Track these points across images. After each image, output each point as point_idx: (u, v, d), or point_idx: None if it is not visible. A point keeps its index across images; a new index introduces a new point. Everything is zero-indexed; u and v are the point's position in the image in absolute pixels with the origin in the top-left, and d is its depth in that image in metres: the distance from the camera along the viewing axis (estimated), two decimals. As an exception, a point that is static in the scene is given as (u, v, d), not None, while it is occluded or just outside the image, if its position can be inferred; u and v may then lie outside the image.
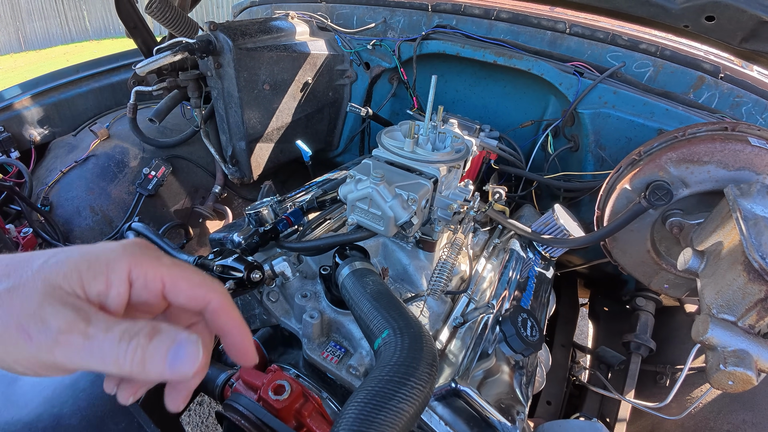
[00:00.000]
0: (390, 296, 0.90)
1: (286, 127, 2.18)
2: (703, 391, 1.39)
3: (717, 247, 1.12)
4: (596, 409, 1.60)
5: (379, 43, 2.12)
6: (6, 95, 2.19)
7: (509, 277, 1.33)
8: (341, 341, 1.12)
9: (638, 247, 1.40)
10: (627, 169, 1.33)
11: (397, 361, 0.70)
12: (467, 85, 2.20)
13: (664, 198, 1.21)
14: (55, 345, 0.34)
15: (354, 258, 1.04)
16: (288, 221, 1.25)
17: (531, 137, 2.04)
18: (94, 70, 2.44)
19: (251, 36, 1.87)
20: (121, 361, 0.35)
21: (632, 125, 1.70)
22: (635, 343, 1.63)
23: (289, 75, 2.04)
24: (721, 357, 0.95)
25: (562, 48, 1.90)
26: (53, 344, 0.34)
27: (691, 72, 1.74)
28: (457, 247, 1.19)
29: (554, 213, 1.45)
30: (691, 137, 1.27)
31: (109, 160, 2.10)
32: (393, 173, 1.19)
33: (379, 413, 0.61)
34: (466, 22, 2.06)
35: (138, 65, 1.72)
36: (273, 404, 0.97)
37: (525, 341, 1.03)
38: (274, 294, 1.19)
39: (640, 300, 1.76)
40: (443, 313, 1.21)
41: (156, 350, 0.36)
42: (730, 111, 1.72)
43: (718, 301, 1.03)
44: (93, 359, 0.35)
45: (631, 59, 1.79)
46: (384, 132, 1.32)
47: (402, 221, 1.10)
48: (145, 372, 0.36)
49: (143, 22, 2.08)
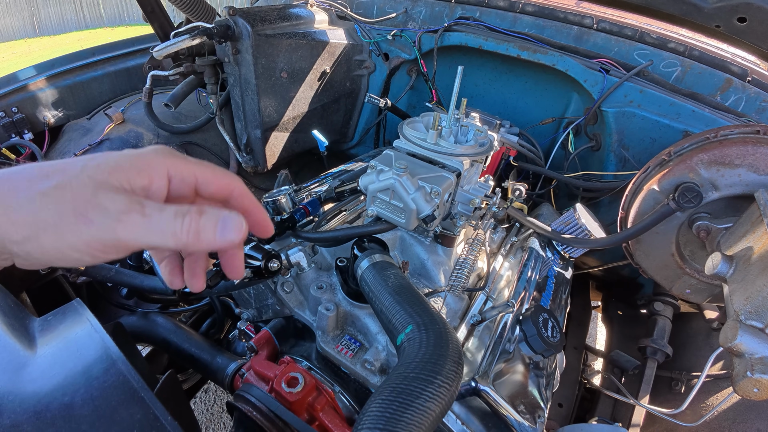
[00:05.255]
0: (412, 291, 0.87)
1: (302, 117, 2.16)
2: (719, 398, 1.36)
3: (747, 252, 1.08)
4: (609, 414, 1.57)
5: (400, 33, 2.08)
6: (21, 76, 2.17)
7: (528, 277, 1.30)
8: (356, 335, 1.10)
9: (662, 250, 1.37)
10: (655, 169, 1.30)
11: (422, 358, 0.67)
12: (487, 80, 2.16)
13: (694, 200, 1.18)
14: (118, 224, 0.40)
15: (373, 250, 1.01)
16: (305, 211, 1.23)
17: (551, 135, 2.00)
18: (110, 53, 2.42)
19: (270, 22, 1.85)
20: (179, 234, 0.41)
21: (657, 125, 1.66)
22: (652, 348, 1.60)
23: (307, 63, 2.01)
24: (748, 364, 0.92)
25: (588, 44, 1.85)
26: (116, 223, 0.40)
27: (719, 74, 1.70)
28: (478, 243, 1.16)
29: (575, 212, 1.42)
30: (723, 139, 1.23)
31: (124, 145, 2.08)
32: (415, 165, 1.16)
33: (405, 412, 0.59)
34: (490, 14, 2.02)
35: (155, 48, 1.70)
36: (286, 396, 0.95)
37: (546, 342, 1.01)
38: (289, 285, 1.17)
39: (657, 305, 1.73)
40: (460, 311, 1.19)
41: (208, 222, 0.42)
42: (756, 115, 1.68)
43: (747, 307, 0.99)
44: (153, 234, 0.41)
45: (658, 58, 1.74)
46: (406, 123, 1.30)
47: (424, 214, 1.07)
48: (199, 242, 0.42)
49: (161, 7, 2.06)
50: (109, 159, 0.43)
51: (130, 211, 0.40)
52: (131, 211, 0.40)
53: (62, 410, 0.65)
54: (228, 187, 0.50)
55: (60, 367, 0.74)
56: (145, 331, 1.46)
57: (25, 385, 0.70)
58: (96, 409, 0.65)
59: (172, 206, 0.42)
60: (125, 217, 0.40)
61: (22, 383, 0.70)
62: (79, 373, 0.72)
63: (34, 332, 0.83)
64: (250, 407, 0.97)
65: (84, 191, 0.40)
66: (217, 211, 0.43)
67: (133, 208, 0.40)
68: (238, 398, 1.01)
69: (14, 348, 0.77)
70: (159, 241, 0.41)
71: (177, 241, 0.41)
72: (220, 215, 0.43)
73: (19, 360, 0.75)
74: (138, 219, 0.40)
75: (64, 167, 0.41)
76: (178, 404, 0.99)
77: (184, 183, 0.47)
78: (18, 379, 0.71)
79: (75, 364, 0.74)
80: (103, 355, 0.74)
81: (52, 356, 0.76)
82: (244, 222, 0.44)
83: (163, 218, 0.41)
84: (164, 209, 0.42)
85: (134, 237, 0.40)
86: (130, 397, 0.67)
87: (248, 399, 0.98)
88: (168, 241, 0.42)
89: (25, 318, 0.87)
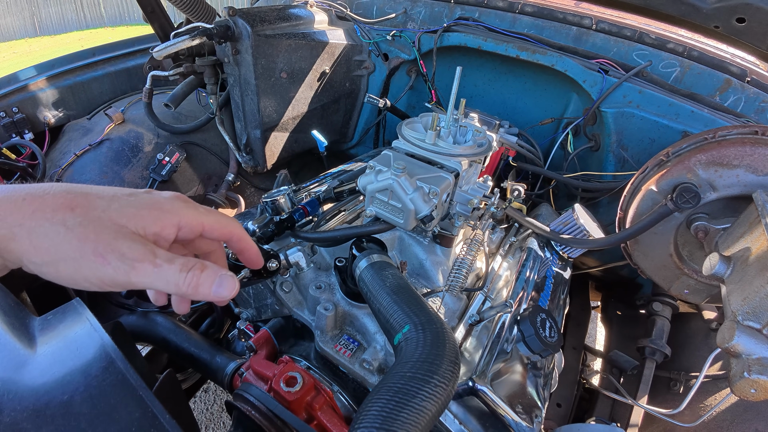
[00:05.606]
0: (410, 291, 0.87)
1: (302, 117, 2.16)
2: (717, 399, 1.36)
3: (744, 253, 1.09)
4: (607, 414, 1.57)
5: (399, 34, 2.08)
6: (21, 76, 2.17)
7: (527, 277, 1.31)
8: (354, 335, 1.10)
9: (660, 250, 1.37)
10: (654, 170, 1.30)
11: (419, 357, 0.68)
12: (486, 80, 2.16)
13: (692, 201, 1.18)
14: (131, 270, 0.46)
15: (372, 250, 1.02)
16: (304, 211, 1.23)
17: (550, 135, 2.00)
18: (111, 53, 2.42)
19: (270, 23, 1.85)
20: (180, 285, 0.48)
21: (656, 126, 1.66)
22: (650, 349, 1.60)
23: (307, 64, 2.01)
24: (745, 365, 0.93)
25: (587, 44, 1.85)
26: (130, 269, 0.46)
27: (718, 74, 1.70)
28: (476, 243, 1.16)
29: (574, 212, 1.42)
30: (721, 140, 1.24)
31: (124, 145, 2.09)
32: (414, 165, 1.16)
33: (401, 411, 0.59)
34: (489, 14, 2.02)
35: (155, 49, 1.70)
36: (285, 396, 0.95)
37: (544, 342, 1.01)
38: (288, 284, 1.18)
39: (656, 305, 1.73)
40: (459, 311, 1.19)
41: (207, 279, 0.49)
42: (755, 116, 1.68)
43: (744, 308, 1.00)
44: (159, 282, 0.47)
45: (657, 58, 1.74)
46: (404, 123, 1.30)
47: (422, 215, 1.07)
48: (196, 293, 0.49)
49: (161, 7, 2.06)
50: (131, 204, 0.49)
51: (144, 260, 0.46)
52: (145, 260, 0.46)
53: (61, 408, 0.65)
54: (229, 234, 0.59)
55: (59, 365, 0.74)
56: (145, 330, 1.47)
57: (25, 383, 0.70)
58: (95, 407, 0.65)
59: (179, 259, 0.49)
60: (139, 265, 0.46)
61: (22, 381, 0.70)
62: (79, 372, 0.72)
63: (34, 331, 0.83)
64: (249, 406, 0.97)
65: (106, 234, 0.46)
66: (216, 270, 0.51)
67: (146, 258, 0.47)
68: (237, 397, 1.01)
69: (14, 347, 0.77)
70: (163, 287, 0.48)
71: (177, 290, 0.48)
72: (218, 274, 0.51)
73: (19, 358, 0.75)
74: (149, 268, 0.46)
75: (88, 202, 0.47)
76: (177, 403, 0.99)
77: (191, 231, 0.54)
78: (17, 378, 0.71)
79: (74, 363, 0.74)
80: (102, 354, 0.74)
81: (51, 355, 0.76)
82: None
83: (170, 270, 0.48)
84: (173, 261, 0.48)
85: (143, 282, 0.47)
86: (129, 396, 0.67)
87: (247, 398, 0.98)
88: (170, 289, 0.48)
89: (25, 317, 0.87)
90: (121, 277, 0.46)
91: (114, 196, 0.49)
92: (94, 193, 0.48)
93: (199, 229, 0.55)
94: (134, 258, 0.46)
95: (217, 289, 0.50)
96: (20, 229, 0.44)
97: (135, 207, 0.49)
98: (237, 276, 0.64)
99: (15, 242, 0.44)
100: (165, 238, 0.51)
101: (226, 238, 0.59)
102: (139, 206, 0.49)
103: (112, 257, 0.45)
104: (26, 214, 0.44)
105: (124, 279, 0.46)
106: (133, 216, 0.48)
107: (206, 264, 0.50)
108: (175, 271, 0.48)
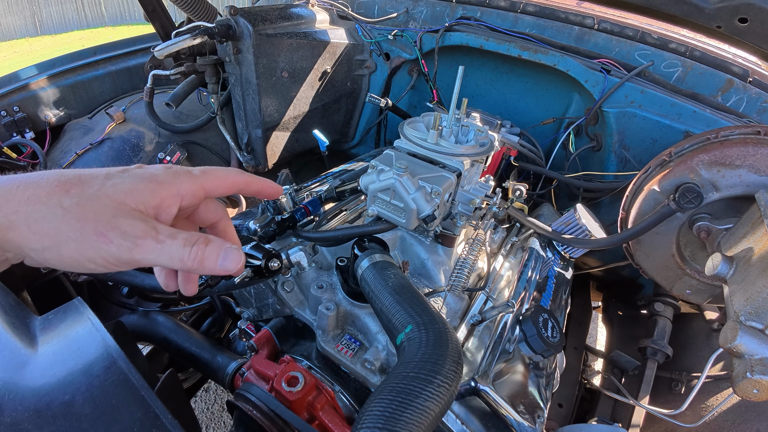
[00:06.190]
0: (412, 290, 0.87)
1: (303, 117, 2.16)
2: (719, 399, 1.36)
3: (747, 253, 1.08)
4: (609, 414, 1.57)
5: (401, 33, 2.08)
6: (22, 75, 2.17)
7: (528, 277, 1.30)
8: (356, 334, 1.10)
9: (663, 250, 1.37)
10: (656, 170, 1.29)
11: (422, 357, 0.67)
12: (488, 80, 2.16)
13: (694, 201, 1.18)
14: (135, 246, 0.45)
15: (374, 250, 1.01)
16: (306, 210, 1.23)
17: (552, 135, 2.00)
18: (112, 53, 2.42)
19: (271, 22, 1.85)
20: (185, 259, 0.47)
21: (658, 126, 1.66)
22: (652, 349, 1.60)
23: (308, 63, 2.01)
24: (748, 365, 0.92)
25: (589, 44, 1.85)
26: (133, 246, 0.45)
27: (720, 74, 1.70)
28: (478, 243, 1.16)
29: (576, 213, 1.42)
30: (723, 140, 1.23)
31: (125, 144, 2.08)
32: (416, 165, 1.16)
33: (404, 411, 0.59)
34: (491, 14, 2.02)
35: (156, 48, 1.70)
36: (286, 396, 0.95)
37: (546, 342, 1.01)
38: (289, 284, 1.17)
39: (658, 305, 1.72)
40: (460, 310, 1.19)
41: (212, 252, 0.48)
42: (756, 116, 1.68)
43: (747, 308, 0.99)
44: (163, 257, 0.46)
45: (659, 58, 1.74)
46: (406, 123, 1.30)
47: (424, 214, 1.07)
48: (202, 268, 0.48)
49: (162, 6, 2.06)
50: (125, 180, 0.47)
51: (146, 236, 0.45)
52: (147, 237, 0.45)
53: (63, 408, 0.65)
54: (232, 183, 0.57)
55: (61, 365, 0.74)
56: (146, 330, 1.46)
57: (26, 383, 0.70)
58: (96, 407, 0.65)
59: (182, 234, 0.48)
60: (141, 241, 0.45)
61: (23, 381, 0.70)
62: (80, 372, 0.72)
63: (35, 331, 0.83)
64: (251, 406, 0.97)
65: (105, 212, 0.44)
66: (221, 243, 0.50)
67: (148, 234, 0.45)
68: (239, 397, 1.01)
69: (15, 346, 0.77)
70: (167, 263, 0.47)
71: (183, 265, 0.47)
72: (223, 246, 0.50)
73: (20, 358, 0.75)
74: (152, 244, 0.45)
75: (82, 182, 0.45)
76: (178, 403, 0.99)
77: (194, 196, 0.52)
78: (19, 377, 0.71)
79: (76, 363, 0.74)
80: (103, 353, 0.74)
81: (52, 355, 0.76)
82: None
83: (174, 245, 0.47)
84: (176, 236, 0.47)
85: (147, 258, 0.46)
86: (130, 396, 0.67)
87: (248, 398, 0.98)
88: (175, 264, 0.47)
89: (26, 316, 0.87)
90: (124, 255, 0.45)
91: (108, 174, 0.48)
92: (87, 173, 0.47)
93: (201, 193, 0.53)
94: (136, 235, 0.45)
95: (222, 262, 0.49)
96: (17, 216, 0.43)
97: (130, 182, 0.47)
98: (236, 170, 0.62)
99: (13, 231, 0.43)
100: (167, 211, 0.50)
101: (232, 190, 0.57)
102: (134, 181, 0.48)
103: (114, 235, 0.44)
104: (21, 201, 0.43)
105: (128, 256, 0.45)
106: (130, 191, 0.47)
107: (210, 238, 0.50)
108: (179, 245, 0.47)
